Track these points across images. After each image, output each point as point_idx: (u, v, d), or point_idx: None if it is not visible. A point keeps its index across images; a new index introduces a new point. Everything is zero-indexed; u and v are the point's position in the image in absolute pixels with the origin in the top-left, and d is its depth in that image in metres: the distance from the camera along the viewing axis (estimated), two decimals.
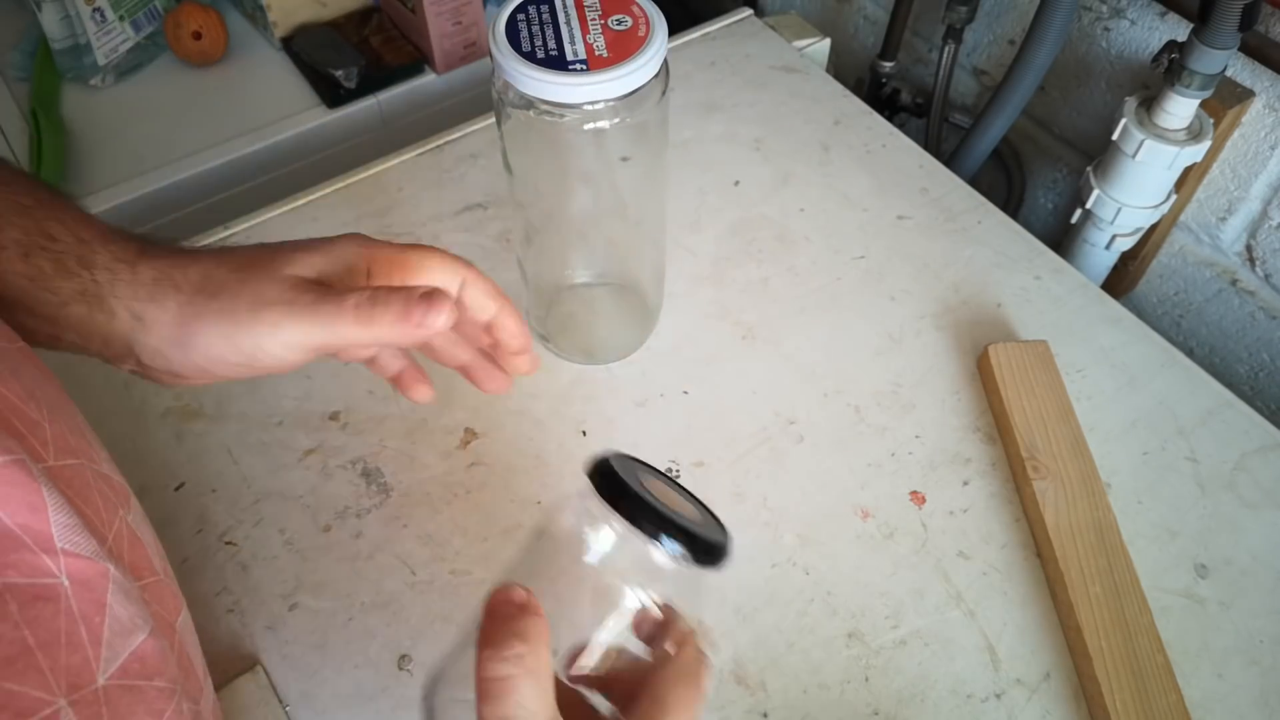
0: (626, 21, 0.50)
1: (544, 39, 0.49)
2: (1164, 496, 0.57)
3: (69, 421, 0.32)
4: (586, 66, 0.48)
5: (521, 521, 0.56)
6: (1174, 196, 0.75)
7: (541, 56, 0.48)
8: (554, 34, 0.49)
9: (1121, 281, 0.84)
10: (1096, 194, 0.75)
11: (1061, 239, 0.82)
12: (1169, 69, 0.67)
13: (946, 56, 0.91)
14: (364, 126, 1.01)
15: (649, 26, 0.50)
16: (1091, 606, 0.51)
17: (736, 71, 0.82)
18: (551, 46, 0.48)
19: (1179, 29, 0.74)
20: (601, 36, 0.49)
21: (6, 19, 1.05)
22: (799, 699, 0.50)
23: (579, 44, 0.49)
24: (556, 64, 0.48)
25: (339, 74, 0.99)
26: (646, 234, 0.61)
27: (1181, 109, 0.68)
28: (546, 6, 0.50)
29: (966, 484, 0.58)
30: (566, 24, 0.49)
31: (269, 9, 1.02)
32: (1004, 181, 0.94)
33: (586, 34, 0.49)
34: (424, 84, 1.03)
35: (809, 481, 0.58)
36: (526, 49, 0.48)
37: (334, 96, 1.00)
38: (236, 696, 0.49)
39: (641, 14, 0.50)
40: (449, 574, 0.54)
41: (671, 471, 0.58)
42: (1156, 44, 0.75)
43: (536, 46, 0.48)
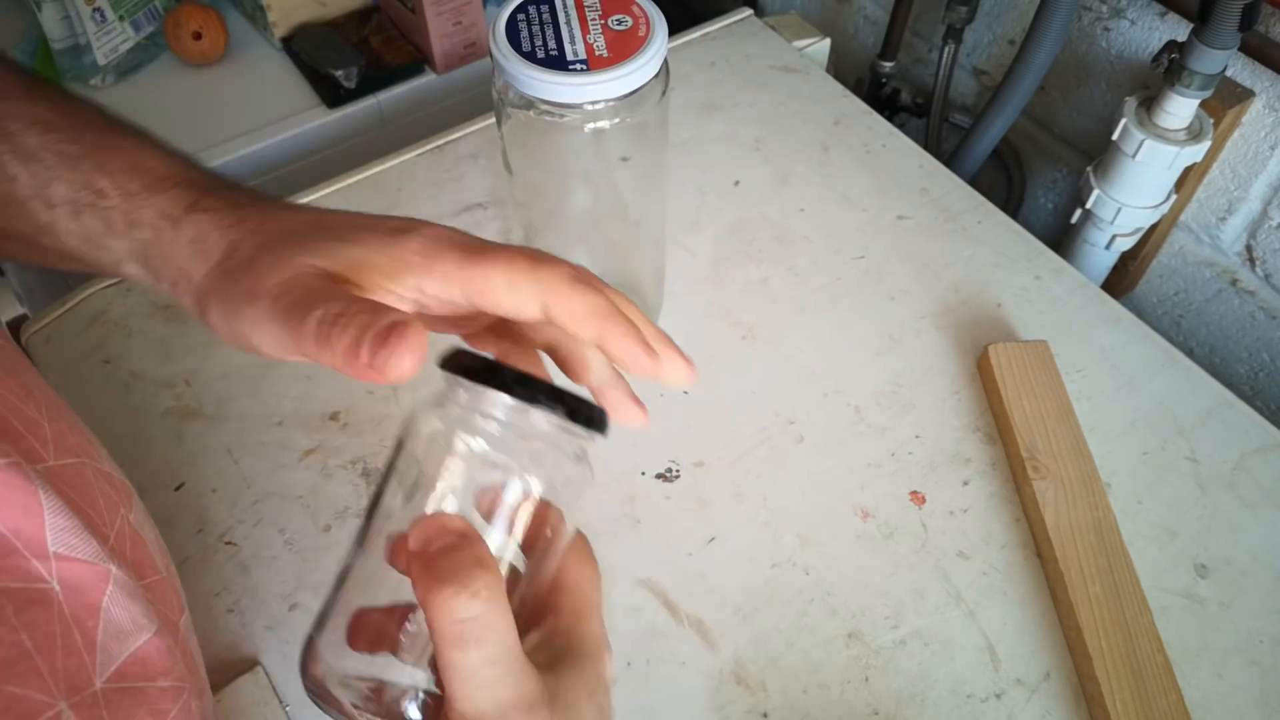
0: (626, 21, 0.50)
1: (544, 39, 0.49)
2: (1164, 496, 0.57)
3: (67, 420, 0.32)
4: (587, 66, 0.48)
5: None
6: (1174, 196, 0.75)
7: (542, 56, 0.48)
8: (554, 34, 0.49)
9: (1121, 281, 0.84)
10: (1096, 194, 0.75)
11: (1061, 239, 0.82)
12: (1169, 69, 0.67)
13: (946, 56, 0.91)
14: (364, 126, 1.01)
15: (649, 26, 0.50)
16: (1091, 606, 0.51)
17: (736, 71, 0.82)
18: (552, 46, 0.48)
19: (1179, 29, 0.74)
20: (601, 36, 0.49)
21: (6, 19, 1.05)
22: (799, 699, 0.50)
23: (579, 44, 0.49)
24: (557, 64, 0.48)
25: (339, 74, 0.99)
26: (646, 234, 0.61)
27: (1181, 109, 0.68)
28: (546, 6, 0.50)
29: (966, 484, 0.58)
30: (566, 24, 0.49)
31: (269, 9, 1.02)
32: (1004, 181, 0.94)
33: (587, 34, 0.49)
34: (424, 84, 1.03)
35: (809, 481, 0.58)
36: (527, 49, 0.48)
37: (334, 96, 1.00)
38: (236, 696, 0.49)
39: (641, 14, 0.50)
40: None
41: (671, 471, 0.58)
42: (1156, 44, 0.75)
43: (537, 46, 0.48)
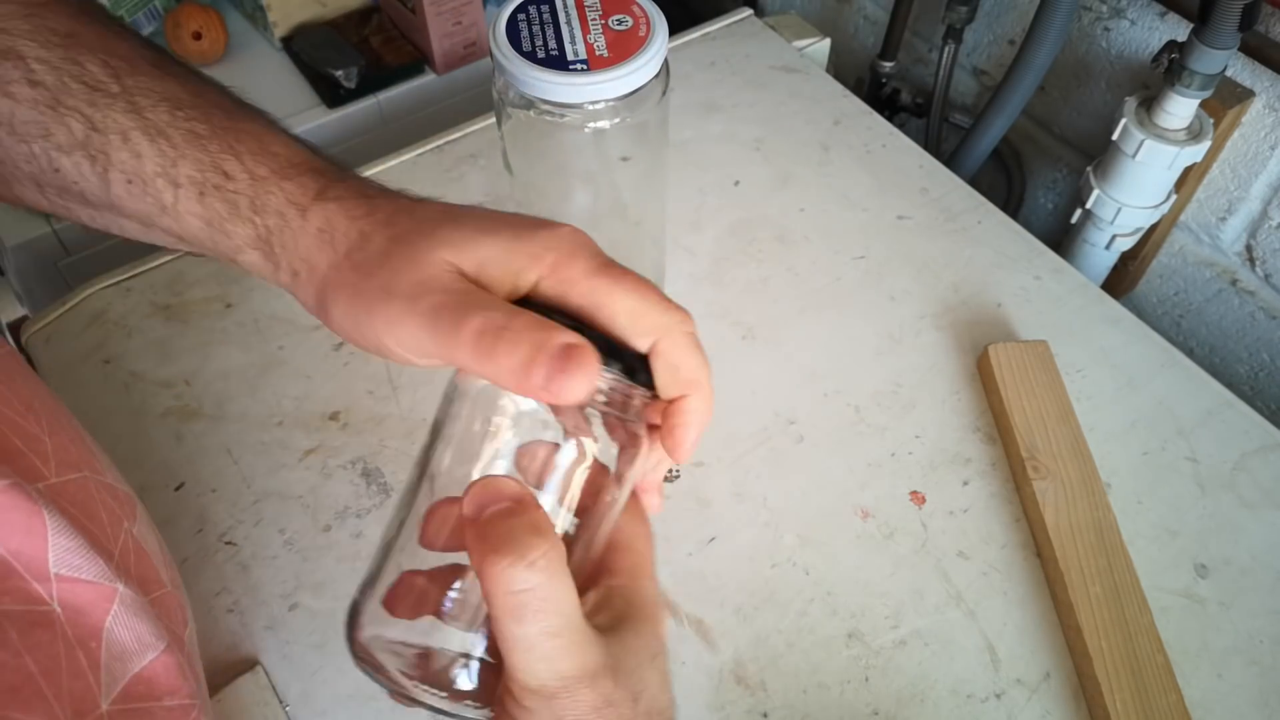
0: (627, 21, 0.50)
1: (544, 39, 0.49)
2: (1164, 496, 0.57)
3: (69, 431, 0.32)
4: (587, 66, 0.48)
5: None
6: (1174, 196, 0.75)
7: (542, 56, 0.48)
8: (554, 34, 0.49)
9: (1121, 281, 0.84)
10: (1096, 194, 0.75)
11: (1061, 239, 0.82)
12: (1169, 69, 0.67)
13: (946, 56, 0.91)
14: (364, 126, 1.01)
15: (649, 26, 0.50)
16: (1091, 606, 0.51)
17: (736, 71, 0.82)
18: (552, 46, 0.48)
19: (1179, 29, 0.74)
20: (602, 36, 0.49)
21: None
22: (799, 699, 0.50)
23: (579, 44, 0.49)
24: (557, 64, 0.48)
25: (339, 74, 0.99)
26: (646, 234, 0.61)
27: (1181, 109, 0.68)
28: (547, 6, 0.50)
29: (966, 484, 0.58)
30: (567, 24, 0.49)
31: (269, 9, 1.02)
32: (1004, 181, 0.94)
33: (587, 34, 0.49)
34: (424, 84, 1.03)
35: (809, 481, 0.58)
36: (527, 49, 0.48)
37: (334, 96, 1.00)
38: (236, 696, 0.49)
39: (642, 14, 0.50)
40: None
41: (671, 472, 0.58)
42: (1156, 44, 0.75)
43: (537, 46, 0.48)
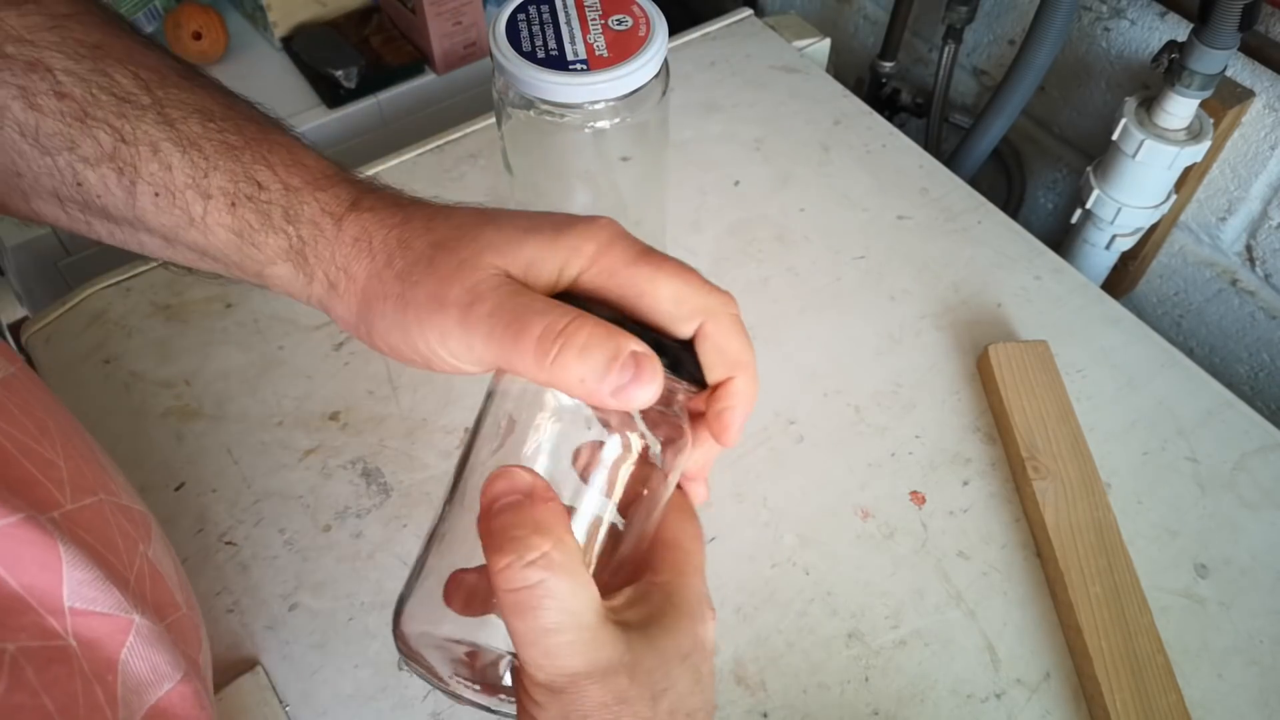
0: (627, 21, 0.50)
1: (544, 39, 0.49)
2: (1164, 496, 0.57)
3: (83, 450, 0.31)
4: (587, 66, 0.48)
5: None
6: (1174, 196, 0.75)
7: (542, 56, 0.48)
8: (554, 34, 0.49)
9: (1121, 281, 0.84)
10: (1096, 194, 0.75)
11: (1061, 239, 0.82)
12: (1169, 69, 0.67)
13: (946, 56, 0.91)
14: (364, 126, 1.01)
15: (649, 26, 0.50)
16: (1091, 606, 0.51)
17: (736, 71, 0.82)
18: (552, 46, 0.48)
19: (1179, 29, 0.74)
20: (602, 36, 0.49)
21: None
22: (799, 699, 0.50)
23: (579, 44, 0.49)
24: (557, 64, 0.48)
25: (339, 74, 0.99)
26: (646, 234, 0.60)
27: (1181, 109, 0.68)
28: (547, 6, 0.50)
29: (966, 484, 0.58)
30: (567, 24, 0.49)
31: (269, 9, 1.02)
32: (1004, 181, 0.94)
33: (587, 34, 0.49)
34: (424, 84, 1.03)
35: (809, 481, 0.58)
36: (527, 49, 0.48)
37: (334, 96, 1.00)
38: (236, 696, 0.49)
39: (642, 14, 0.50)
40: None
41: None
42: (1156, 44, 0.75)
43: (537, 46, 0.48)
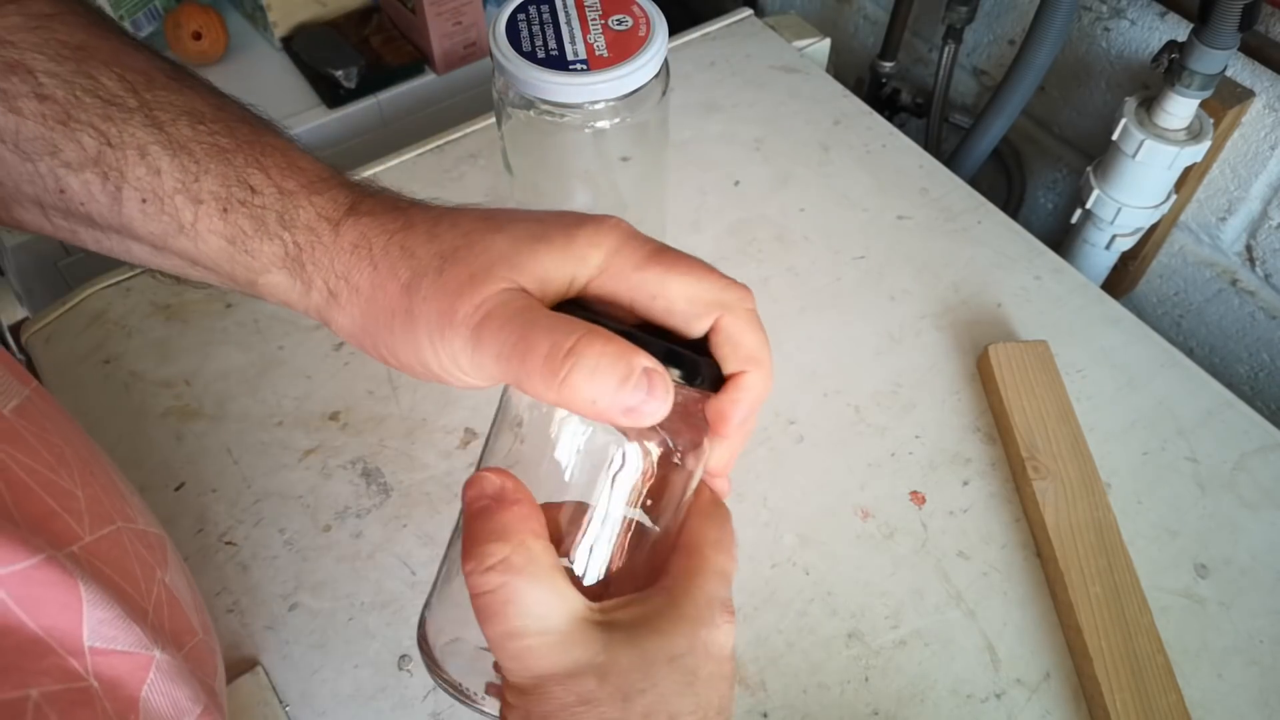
0: (627, 21, 0.50)
1: (544, 39, 0.49)
2: (1164, 496, 0.57)
3: (99, 476, 0.31)
4: (587, 66, 0.48)
5: None
6: (1174, 196, 0.75)
7: (542, 56, 0.48)
8: (554, 34, 0.49)
9: (1121, 281, 0.84)
10: (1096, 194, 0.75)
11: (1061, 239, 0.82)
12: (1169, 69, 0.67)
13: (946, 56, 0.91)
14: (364, 126, 1.01)
15: (649, 26, 0.50)
16: (1091, 606, 0.51)
17: (736, 71, 0.82)
18: (552, 46, 0.48)
19: (1179, 29, 0.74)
20: (602, 36, 0.49)
21: None
22: (799, 699, 0.50)
23: (579, 44, 0.49)
24: (557, 64, 0.48)
25: (339, 74, 0.99)
26: (646, 234, 0.61)
27: (1181, 109, 0.68)
28: (547, 6, 0.50)
29: (966, 484, 0.58)
30: (567, 24, 0.49)
31: (269, 9, 1.02)
32: (1004, 181, 0.94)
33: (587, 34, 0.49)
34: (424, 84, 1.03)
35: (809, 481, 0.58)
36: (527, 49, 0.48)
37: (334, 96, 1.00)
38: (236, 696, 0.49)
39: (642, 14, 0.50)
40: None
41: None
42: (1156, 44, 0.75)
43: (537, 46, 0.48)
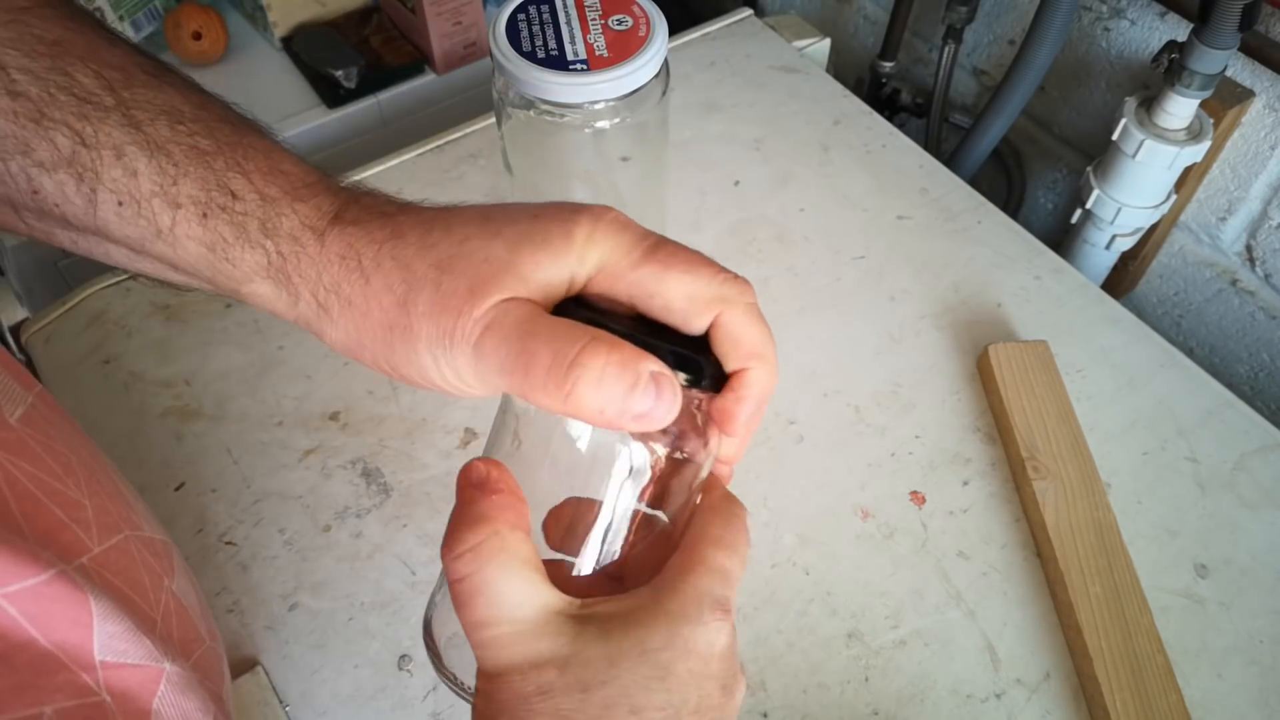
0: (627, 21, 0.50)
1: (544, 39, 0.49)
2: (1164, 496, 0.57)
3: (105, 483, 0.30)
4: (587, 66, 0.48)
5: None
6: (1174, 196, 0.75)
7: (542, 56, 0.48)
8: (554, 34, 0.49)
9: (1121, 281, 0.84)
10: (1096, 194, 0.75)
11: (1061, 239, 0.82)
12: (1169, 69, 0.67)
13: (946, 56, 0.91)
14: (364, 126, 1.01)
15: (649, 26, 0.50)
16: (1091, 606, 0.51)
17: (736, 71, 0.82)
18: (552, 46, 0.48)
19: (1179, 29, 0.74)
20: (602, 36, 0.49)
21: None
22: (799, 699, 0.50)
23: (579, 44, 0.49)
24: (557, 64, 0.48)
25: (339, 74, 0.99)
26: None
27: (1181, 109, 0.68)
28: (547, 6, 0.50)
29: (966, 484, 0.58)
30: (567, 24, 0.49)
31: (269, 9, 1.02)
32: (1004, 181, 0.94)
33: (587, 34, 0.49)
34: (424, 84, 1.03)
35: (809, 481, 0.58)
36: (527, 49, 0.48)
37: (334, 96, 1.00)
38: (236, 696, 0.49)
39: (642, 14, 0.50)
40: None
41: None
42: (1156, 44, 0.75)
43: (537, 46, 0.48)
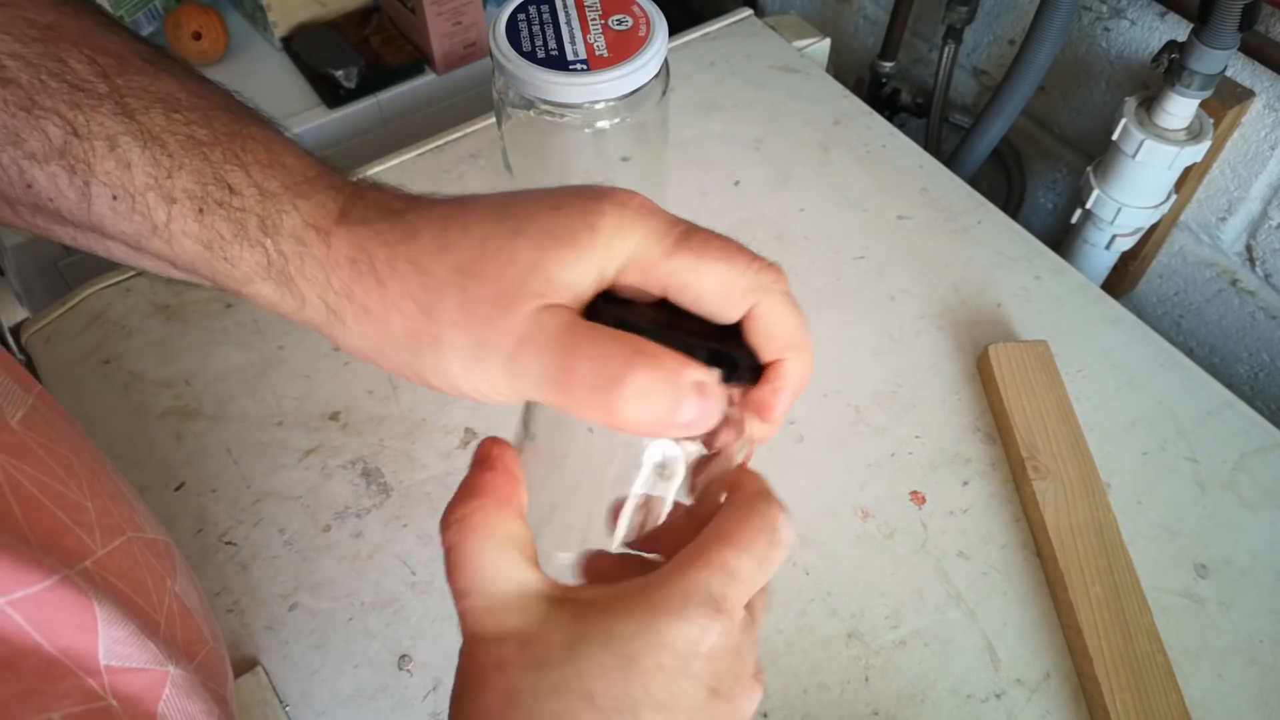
0: (627, 21, 0.50)
1: (544, 39, 0.49)
2: (1164, 496, 0.57)
3: (106, 482, 0.30)
4: (587, 66, 0.48)
5: None
6: (1174, 196, 0.75)
7: (542, 56, 0.48)
8: (554, 34, 0.49)
9: (1121, 281, 0.84)
10: (1096, 194, 0.75)
11: (1061, 239, 0.82)
12: (1169, 69, 0.67)
13: (946, 56, 0.91)
14: (364, 126, 1.01)
15: (649, 26, 0.50)
16: (1091, 606, 0.51)
17: (736, 71, 0.82)
18: (552, 46, 0.48)
19: (1179, 29, 0.74)
20: (602, 36, 0.49)
21: None
22: (799, 699, 0.50)
23: (579, 44, 0.49)
24: (557, 64, 0.48)
25: (339, 74, 0.99)
26: None
27: (1181, 109, 0.68)
28: (547, 6, 0.50)
29: (966, 484, 0.58)
30: (567, 24, 0.49)
31: (269, 9, 1.02)
32: (1004, 181, 0.94)
33: (587, 34, 0.49)
34: (424, 84, 1.03)
35: (809, 481, 0.58)
36: (527, 49, 0.48)
37: (334, 96, 1.00)
38: (237, 696, 0.49)
39: (642, 14, 0.50)
40: None
41: None
42: (1156, 44, 0.75)
43: (537, 46, 0.48)
